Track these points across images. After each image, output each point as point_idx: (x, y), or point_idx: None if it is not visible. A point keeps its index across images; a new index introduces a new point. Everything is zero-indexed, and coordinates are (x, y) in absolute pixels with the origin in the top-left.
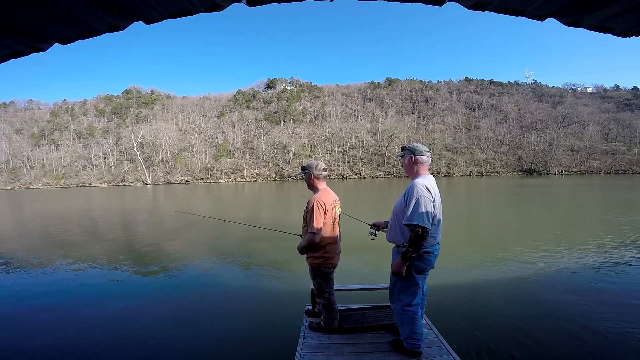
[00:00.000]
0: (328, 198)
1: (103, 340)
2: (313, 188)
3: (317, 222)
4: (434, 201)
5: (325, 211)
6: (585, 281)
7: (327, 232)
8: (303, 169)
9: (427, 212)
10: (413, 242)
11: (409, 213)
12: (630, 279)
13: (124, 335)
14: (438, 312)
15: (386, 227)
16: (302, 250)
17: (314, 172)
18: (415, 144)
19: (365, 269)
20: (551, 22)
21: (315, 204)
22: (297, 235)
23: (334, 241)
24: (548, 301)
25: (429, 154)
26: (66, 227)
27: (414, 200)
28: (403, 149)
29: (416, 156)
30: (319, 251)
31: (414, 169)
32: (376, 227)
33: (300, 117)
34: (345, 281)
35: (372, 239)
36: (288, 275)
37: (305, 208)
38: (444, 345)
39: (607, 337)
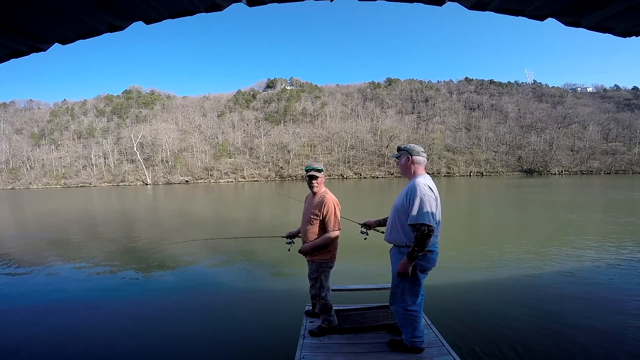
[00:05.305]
0: (335, 198)
1: (103, 340)
2: (320, 189)
3: (338, 221)
4: (436, 200)
5: (339, 210)
6: (584, 281)
7: None
8: (319, 171)
9: (431, 211)
10: (419, 241)
11: (414, 212)
12: (629, 278)
13: (124, 336)
14: (438, 312)
15: (378, 226)
16: (314, 249)
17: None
18: (412, 145)
19: (364, 269)
20: (551, 22)
21: (334, 204)
22: (282, 238)
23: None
24: (548, 301)
25: (425, 154)
26: (66, 227)
27: (418, 200)
28: (399, 149)
29: (413, 156)
30: (329, 247)
31: (411, 170)
32: (367, 226)
33: (300, 117)
34: (345, 281)
35: (364, 239)
36: (288, 275)
37: (318, 208)
38: (444, 345)
39: (608, 337)
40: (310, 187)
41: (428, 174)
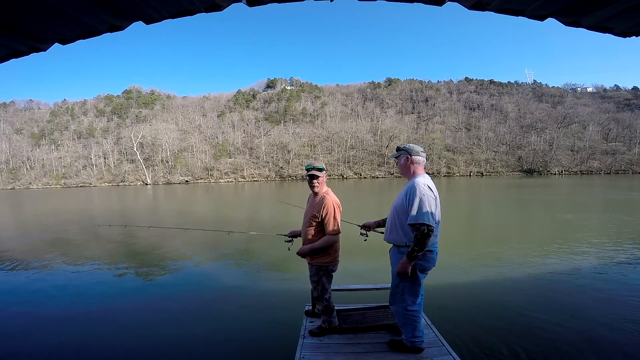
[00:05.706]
0: (337, 199)
1: (103, 340)
2: (321, 189)
3: (338, 223)
4: (436, 199)
5: (340, 212)
6: (585, 280)
7: None
8: (320, 170)
9: (431, 211)
10: (419, 241)
11: (414, 212)
12: (630, 276)
13: (124, 336)
14: (438, 312)
15: (377, 227)
16: (313, 251)
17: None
18: (411, 145)
19: (364, 269)
20: (551, 22)
21: (334, 206)
22: (282, 235)
23: (339, 240)
24: (548, 300)
25: (424, 154)
26: (66, 227)
27: (417, 200)
28: (398, 149)
29: (412, 156)
30: (330, 249)
31: (410, 169)
32: (366, 227)
33: (300, 117)
34: (345, 281)
35: (364, 240)
36: (288, 276)
37: (317, 209)
38: (444, 345)
39: (610, 337)
40: (311, 186)
41: (428, 173)
